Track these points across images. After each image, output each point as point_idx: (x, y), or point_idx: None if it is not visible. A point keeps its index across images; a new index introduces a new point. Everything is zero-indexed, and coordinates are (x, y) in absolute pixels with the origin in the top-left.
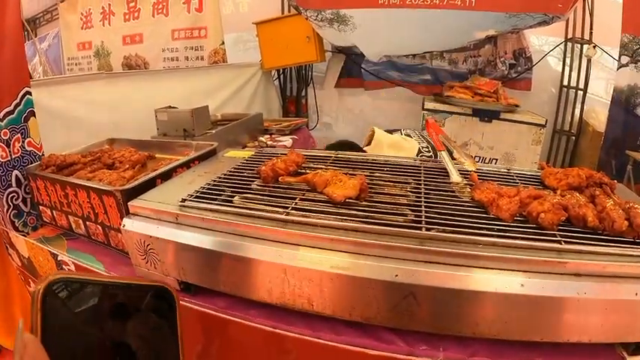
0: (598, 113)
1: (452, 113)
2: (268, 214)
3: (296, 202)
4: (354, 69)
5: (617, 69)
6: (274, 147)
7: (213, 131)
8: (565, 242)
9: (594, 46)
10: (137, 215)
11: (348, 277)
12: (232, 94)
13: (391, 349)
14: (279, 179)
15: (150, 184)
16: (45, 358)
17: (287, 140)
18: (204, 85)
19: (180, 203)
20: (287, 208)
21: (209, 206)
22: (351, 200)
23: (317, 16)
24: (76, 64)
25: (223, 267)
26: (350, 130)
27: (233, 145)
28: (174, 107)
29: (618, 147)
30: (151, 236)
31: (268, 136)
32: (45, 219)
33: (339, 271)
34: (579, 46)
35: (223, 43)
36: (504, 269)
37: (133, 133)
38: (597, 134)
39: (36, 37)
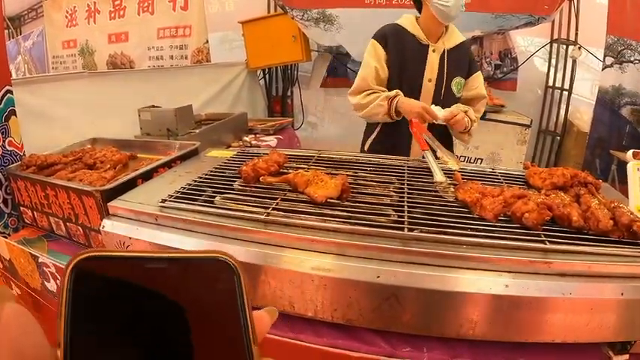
0: (583, 113)
1: None
2: (248, 215)
3: (277, 203)
4: (339, 68)
5: (602, 69)
6: (259, 147)
7: (197, 131)
8: (550, 242)
9: (579, 47)
10: (117, 216)
11: (329, 278)
12: (217, 94)
13: (374, 350)
14: (260, 179)
15: (130, 185)
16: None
17: (271, 140)
18: (189, 84)
19: (160, 204)
20: (268, 208)
21: (189, 207)
22: (332, 200)
23: (303, 15)
24: (60, 63)
25: None
26: (335, 130)
27: (217, 144)
28: (157, 106)
29: (603, 147)
30: (130, 237)
31: (253, 135)
32: (26, 220)
33: (320, 272)
34: (564, 47)
35: (207, 41)
36: (488, 270)
37: (117, 132)
38: (582, 134)
39: (20, 35)
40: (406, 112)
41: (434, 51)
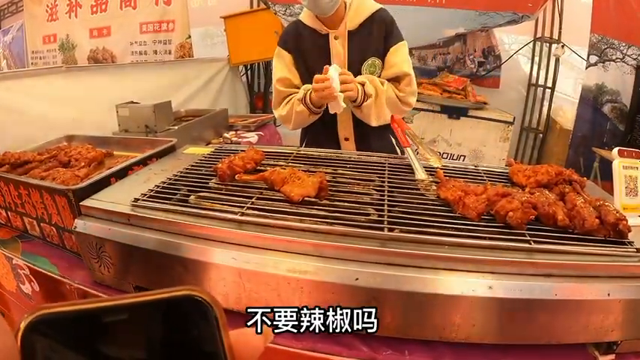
0: (565, 111)
1: (420, 110)
2: (222, 215)
3: (252, 202)
4: None
5: (586, 68)
6: (239, 143)
7: (176, 127)
8: (535, 242)
9: (563, 46)
10: (89, 216)
11: (305, 280)
12: (199, 90)
13: (354, 354)
14: (236, 177)
15: (104, 183)
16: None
17: (252, 136)
18: (171, 79)
19: (132, 203)
20: (243, 207)
21: (162, 206)
22: (310, 199)
23: (285, 10)
24: (40, 58)
25: (176, 271)
26: None
27: (197, 141)
28: (136, 102)
29: (586, 144)
30: (102, 238)
31: (233, 132)
32: (0, 220)
33: (296, 274)
34: (548, 45)
35: (189, 37)
36: (471, 271)
37: (96, 129)
38: (564, 131)
39: None
40: (321, 100)
41: (336, 38)
